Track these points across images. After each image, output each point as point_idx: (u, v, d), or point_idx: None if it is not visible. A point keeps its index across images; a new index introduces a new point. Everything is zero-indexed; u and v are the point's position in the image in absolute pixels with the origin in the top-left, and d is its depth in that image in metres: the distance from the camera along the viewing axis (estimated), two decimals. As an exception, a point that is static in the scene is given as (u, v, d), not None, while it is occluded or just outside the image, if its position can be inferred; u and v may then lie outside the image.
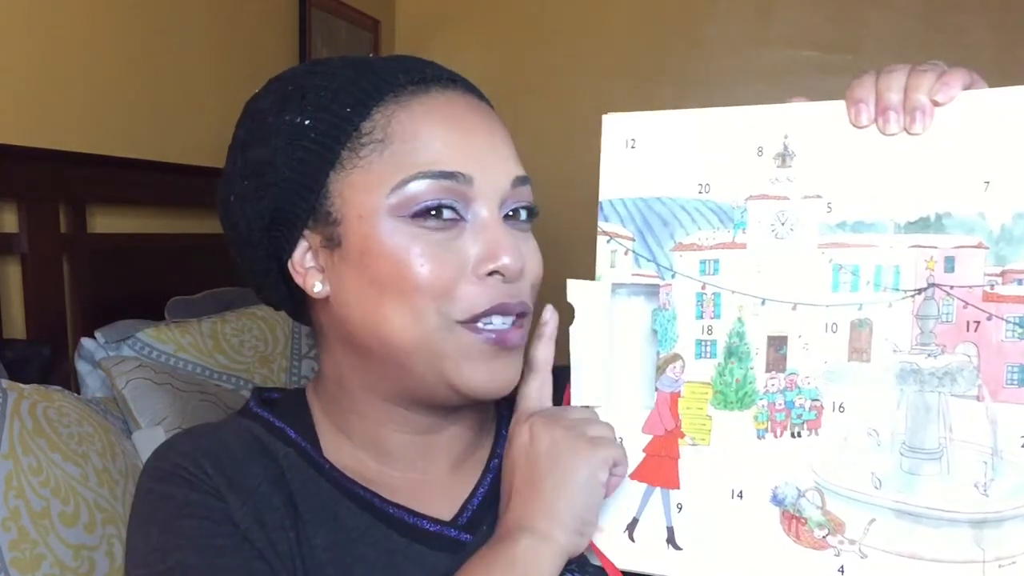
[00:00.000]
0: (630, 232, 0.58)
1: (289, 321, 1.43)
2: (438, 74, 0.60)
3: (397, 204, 0.55)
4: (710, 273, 0.56)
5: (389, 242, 0.55)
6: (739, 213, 0.55)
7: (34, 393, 0.98)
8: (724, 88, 2.41)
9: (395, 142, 0.56)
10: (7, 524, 0.85)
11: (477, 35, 2.48)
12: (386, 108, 0.57)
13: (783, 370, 0.54)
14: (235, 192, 0.62)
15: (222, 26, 1.75)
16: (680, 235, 0.56)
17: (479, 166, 0.57)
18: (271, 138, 0.58)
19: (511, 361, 0.59)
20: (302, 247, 0.60)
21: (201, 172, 1.61)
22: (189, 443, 0.60)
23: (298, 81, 0.60)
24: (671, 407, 0.57)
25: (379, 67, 0.59)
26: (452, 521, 0.61)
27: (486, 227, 0.57)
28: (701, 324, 0.56)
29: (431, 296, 0.55)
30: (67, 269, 1.30)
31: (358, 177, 0.56)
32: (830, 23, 2.34)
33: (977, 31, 2.25)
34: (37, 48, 1.29)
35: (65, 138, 1.32)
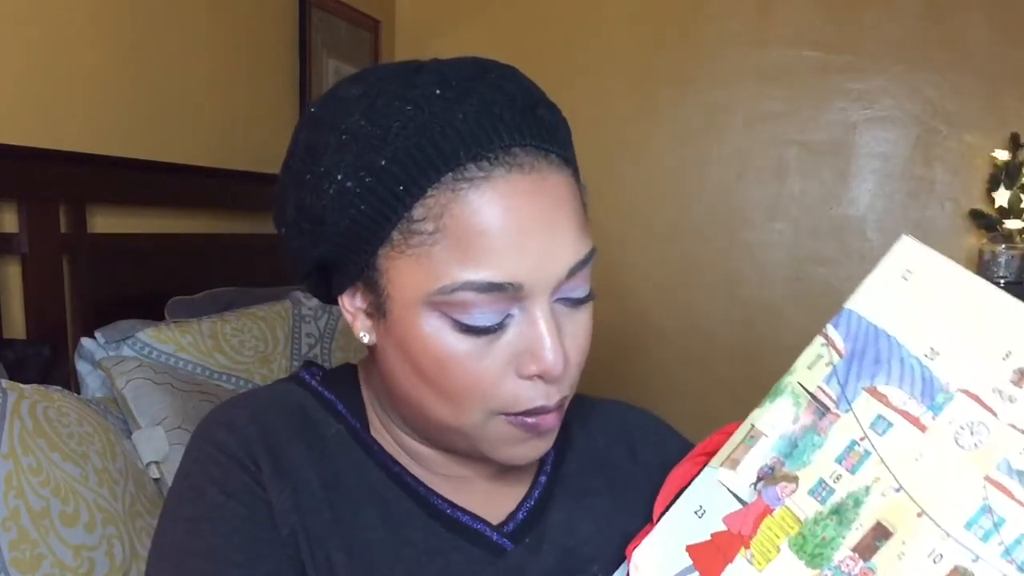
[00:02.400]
0: (845, 349, 0.55)
1: (289, 321, 1.43)
2: (505, 141, 0.53)
3: (441, 303, 0.53)
4: (878, 431, 0.52)
5: (431, 341, 0.54)
6: (943, 398, 0.51)
7: (34, 393, 0.98)
8: (724, 88, 2.42)
9: (446, 238, 0.52)
10: (7, 524, 0.85)
11: (477, 35, 2.48)
12: (440, 193, 0.52)
13: (867, 560, 0.50)
14: (286, 223, 0.60)
15: (222, 26, 1.75)
16: (880, 380, 0.53)
17: (532, 268, 0.53)
18: (323, 193, 0.55)
19: (546, 440, 0.60)
20: (351, 291, 0.59)
21: (201, 172, 1.61)
22: (246, 416, 0.61)
23: (353, 127, 0.54)
24: (758, 517, 0.55)
25: (439, 130, 0.52)
26: (497, 527, 0.63)
27: (532, 323, 0.54)
28: (834, 469, 0.53)
29: (472, 398, 0.55)
30: (67, 269, 1.30)
31: (405, 264, 0.54)
32: (830, 23, 2.34)
33: (977, 31, 2.25)
34: (37, 48, 1.29)
35: (65, 138, 1.32)
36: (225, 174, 1.68)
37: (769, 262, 2.46)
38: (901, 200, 2.37)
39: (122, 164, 1.41)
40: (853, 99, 2.35)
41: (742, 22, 2.39)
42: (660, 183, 2.49)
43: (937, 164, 2.34)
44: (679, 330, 2.52)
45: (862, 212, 2.39)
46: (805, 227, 2.43)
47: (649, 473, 0.71)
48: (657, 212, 2.49)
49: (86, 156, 1.34)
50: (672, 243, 2.50)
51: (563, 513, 0.66)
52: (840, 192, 2.40)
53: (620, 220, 2.46)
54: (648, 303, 2.51)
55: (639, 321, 2.50)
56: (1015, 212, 2.21)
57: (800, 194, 2.42)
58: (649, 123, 2.47)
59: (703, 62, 2.42)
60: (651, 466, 0.72)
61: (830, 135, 2.38)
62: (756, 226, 2.46)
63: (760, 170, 2.44)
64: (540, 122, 0.55)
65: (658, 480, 0.70)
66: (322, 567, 0.57)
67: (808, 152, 2.40)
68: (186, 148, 1.61)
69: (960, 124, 2.30)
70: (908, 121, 2.34)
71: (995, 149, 2.25)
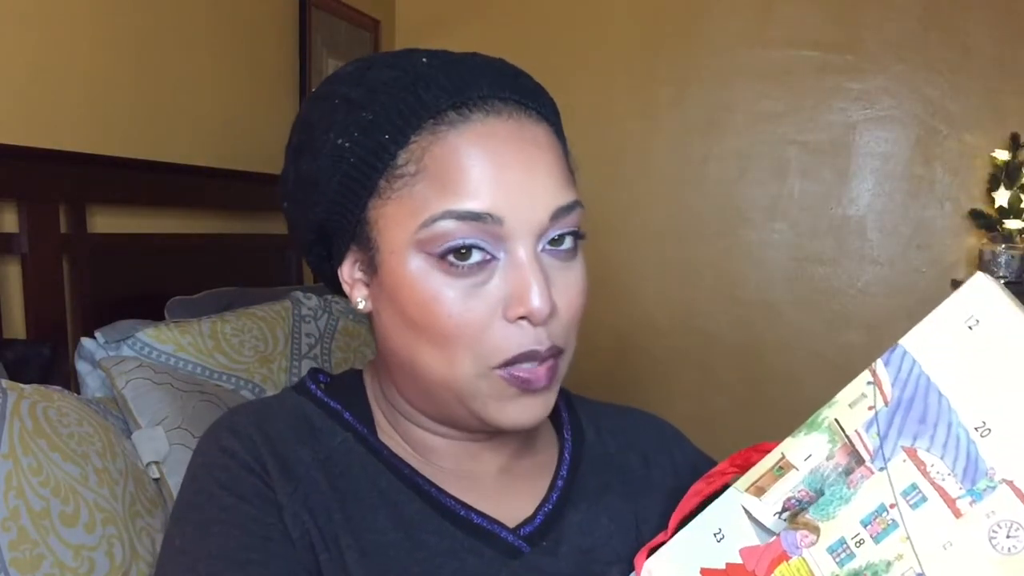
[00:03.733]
0: (891, 395, 0.50)
1: (289, 321, 1.43)
2: (484, 92, 0.56)
3: (425, 241, 0.54)
4: (910, 503, 0.48)
5: (418, 284, 0.55)
6: (985, 484, 0.46)
7: (34, 393, 0.98)
8: (724, 88, 2.42)
9: (427, 177, 0.54)
10: (7, 524, 0.85)
11: (477, 35, 2.48)
12: (422, 138, 0.55)
13: None
14: (288, 198, 0.63)
15: (222, 26, 1.75)
16: (923, 444, 0.48)
17: (512, 204, 0.54)
18: (317, 155, 0.58)
19: (539, 400, 0.58)
20: (350, 260, 0.61)
21: (201, 172, 1.61)
22: (251, 422, 0.61)
23: (345, 93, 0.58)
24: (773, 560, 0.52)
25: (423, 82, 0.55)
26: (514, 529, 0.62)
27: (517, 266, 0.55)
28: (858, 532, 0.49)
29: (462, 343, 0.55)
30: (67, 269, 1.30)
31: (391, 209, 0.56)
32: (830, 23, 2.34)
33: (977, 31, 2.25)
34: (37, 48, 1.29)
35: (65, 138, 1.32)
36: (225, 174, 1.68)
37: (769, 262, 2.46)
38: (901, 200, 2.37)
39: (122, 164, 1.41)
40: (853, 99, 2.35)
41: (742, 22, 2.39)
42: (660, 183, 2.49)
43: (937, 164, 2.34)
44: (679, 330, 2.52)
45: (862, 212, 2.39)
46: (805, 227, 2.43)
47: (662, 477, 0.72)
48: (657, 212, 2.49)
49: (86, 156, 1.34)
50: (672, 243, 2.50)
51: (580, 515, 0.65)
52: (840, 192, 2.40)
53: (620, 220, 2.46)
54: (648, 303, 2.51)
55: (639, 321, 2.50)
56: (1015, 212, 2.22)
57: (800, 194, 2.43)
58: (649, 123, 2.47)
59: (703, 62, 2.42)
60: (664, 470, 0.72)
61: (830, 135, 2.38)
62: (756, 226, 2.46)
63: (760, 170, 2.44)
64: (522, 86, 0.58)
65: (671, 484, 0.71)
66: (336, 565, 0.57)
67: (808, 152, 2.41)
68: (186, 148, 1.61)
69: (960, 124, 2.30)
70: (908, 121, 2.34)
71: (995, 149, 2.25)
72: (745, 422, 2.47)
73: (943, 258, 2.37)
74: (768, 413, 2.46)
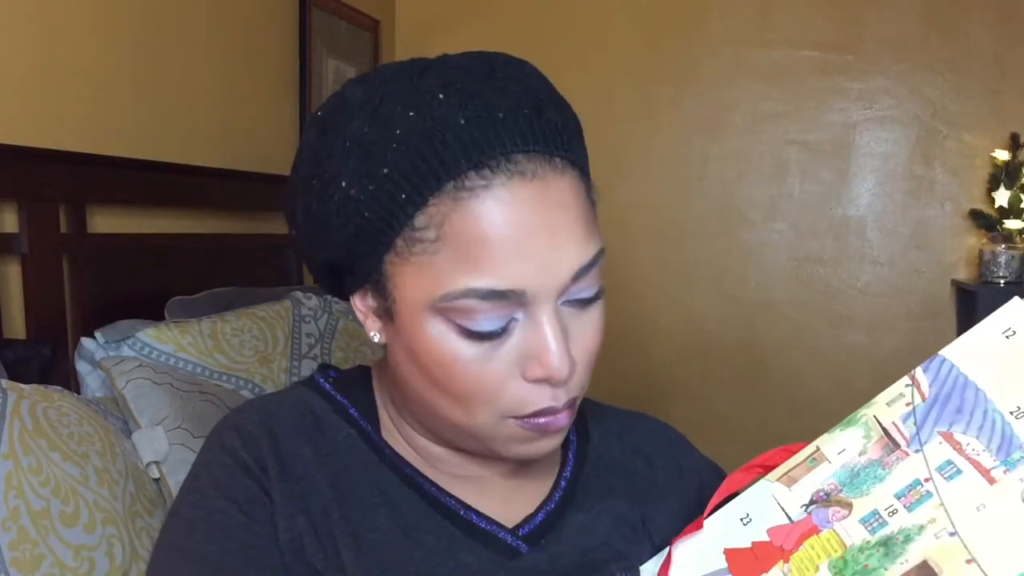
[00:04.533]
0: (929, 394, 0.54)
1: (289, 321, 1.43)
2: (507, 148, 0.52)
3: (445, 309, 0.53)
4: (945, 475, 0.52)
5: (435, 346, 0.55)
6: (1020, 455, 0.50)
7: (34, 393, 0.98)
8: (724, 88, 2.42)
9: (447, 247, 0.52)
10: (7, 524, 0.85)
11: (477, 35, 2.48)
12: (442, 203, 0.52)
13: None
14: (296, 226, 0.62)
15: (222, 26, 1.75)
16: (958, 428, 0.52)
17: (535, 274, 0.53)
18: (327, 199, 0.55)
19: (556, 438, 0.60)
20: (362, 293, 0.60)
21: (201, 172, 1.61)
22: (256, 420, 0.62)
23: (356, 134, 0.54)
24: (803, 534, 0.54)
25: (440, 137, 0.51)
26: (512, 529, 0.63)
27: (536, 327, 0.54)
28: (892, 503, 0.52)
29: (479, 400, 0.56)
30: (67, 269, 1.30)
31: (410, 271, 0.54)
32: (830, 23, 2.34)
33: (977, 31, 2.26)
34: (37, 48, 1.29)
35: (65, 138, 1.32)
36: (225, 174, 1.68)
37: (769, 262, 2.46)
38: (901, 200, 2.37)
39: (122, 164, 1.41)
40: (853, 99, 2.35)
41: (742, 22, 2.39)
42: (660, 183, 2.49)
43: (937, 164, 2.34)
44: (679, 330, 2.52)
45: (862, 212, 2.39)
46: (805, 227, 2.43)
47: (668, 481, 0.72)
48: (657, 212, 2.49)
49: (86, 156, 1.34)
50: (672, 243, 2.50)
51: (582, 514, 0.66)
52: (840, 192, 2.40)
53: (620, 220, 2.46)
54: (648, 303, 2.51)
55: (639, 321, 2.50)
56: (1015, 212, 2.22)
57: (800, 194, 2.43)
58: (649, 123, 2.47)
59: (703, 62, 2.42)
60: (669, 474, 0.73)
61: (830, 135, 2.38)
62: (756, 226, 2.46)
63: (760, 170, 2.44)
64: (545, 125, 0.54)
65: (677, 488, 0.71)
66: (333, 564, 0.57)
67: (808, 152, 2.41)
68: (186, 148, 1.61)
69: (960, 124, 2.30)
70: (908, 121, 2.34)
71: (995, 149, 2.25)
72: (745, 422, 2.47)
73: (943, 258, 2.37)
74: (768, 413, 2.46)
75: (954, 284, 2.34)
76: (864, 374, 2.36)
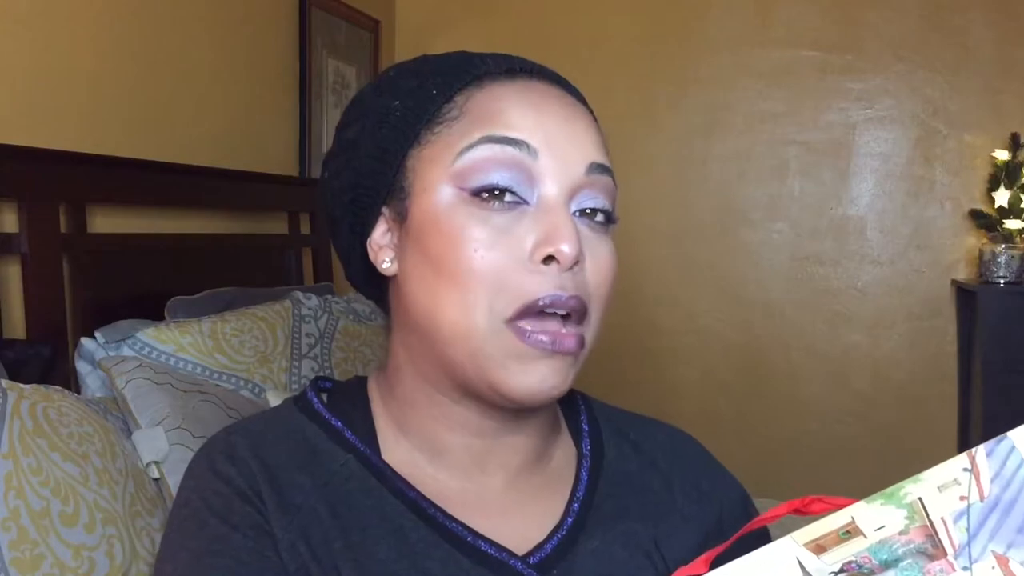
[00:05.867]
0: (989, 491, 0.46)
1: (289, 321, 1.43)
2: (530, 67, 0.60)
3: (459, 172, 0.55)
4: None
5: (446, 219, 0.55)
6: None
7: (34, 393, 0.98)
8: (724, 88, 2.42)
9: (469, 116, 0.56)
10: (7, 524, 0.85)
11: (477, 35, 2.48)
12: (468, 90, 0.58)
13: None
14: (329, 169, 0.64)
15: (222, 26, 1.75)
16: (1018, 556, 0.44)
17: (549, 143, 0.55)
18: (363, 119, 0.61)
19: (561, 366, 0.55)
20: (381, 226, 0.61)
21: (201, 172, 1.61)
22: (248, 446, 0.59)
23: (401, 67, 0.62)
24: None
25: (475, 57, 0.60)
26: (523, 557, 0.59)
27: (548, 210, 0.54)
28: None
29: (483, 287, 0.54)
30: (67, 269, 1.30)
31: (428, 151, 0.57)
32: (830, 23, 2.34)
33: (977, 31, 2.26)
34: (37, 48, 1.29)
35: (65, 138, 1.32)
36: (225, 174, 1.68)
37: (769, 262, 2.46)
38: (901, 200, 2.37)
39: (122, 164, 1.41)
40: (853, 99, 2.35)
41: (742, 22, 2.39)
42: (660, 183, 2.49)
43: (937, 164, 2.34)
44: (679, 330, 2.52)
45: (862, 212, 2.39)
46: (805, 227, 2.43)
47: (685, 503, 0.68)
48: (657, 212, 2.49)
49: (86, 156, 1.34)
50: (672, 243, 2.50)
51: (596, 541, 0.62)
52: (840, 192, 2.40)
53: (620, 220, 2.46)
54: (648, 303, 2.51)
55: (639, 320, 2.50)
56: (1015, 212, 2.22)
57: (800, 194, 2.43)
58: (649, 123, 2.47)
59: (703, 62, 2.43)
60: (688, 497, 0.68)
61: (830, 135, 2.38)
62: (756, 226, 2.46)
63: (760, 170, 2.44)
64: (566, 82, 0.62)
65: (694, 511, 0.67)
66: None
67: (808, 152, 2.41)
68: (186, 148, 1.61)
69: (960, 124, 2.30)
70: (908, 121, 2.34)
71: (995, 149, 2.25)
72: (745, 422, 2.47)
73: (943, 258, 2.37)
74: (768, 413, 2.46)
75: (954, 284, 2.34)
76: (864, 374, 2.35)
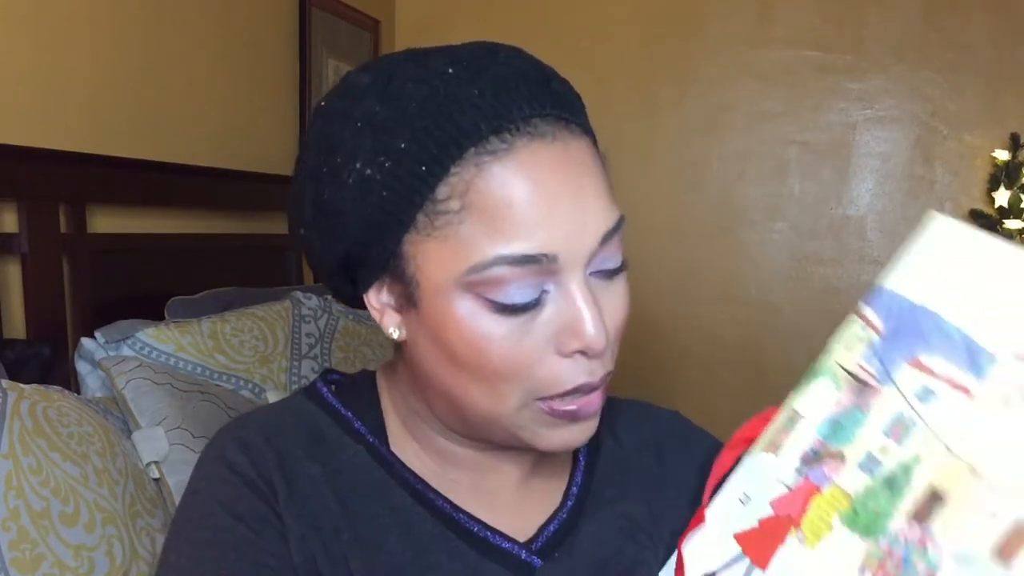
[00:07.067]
0: (883, 328, 0.54)
1: (289, 321, 1.43)
2: (525, 112, 0.52)
3: (475, 284, 0.51)
4: (922, 401, 0.51)
5: (466, 326, 0.52)
6: (989, 363, 0.50)
7: (34, 393, 0.98)
8: (724, 88, 2.42)
9: (472, 216, 0.50)
10: (7, 524, 0.85)
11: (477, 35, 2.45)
12: (464, 170, 0.51)
13: (923, 524, 0.49)
14: (305, 224, 0.58)
15: (222, 26, 1.75)
16: (922, 353, 0.52)
17: (564, 239, 0.51)
18: (342, 184, 0.53)
19: (588, 425, 0.57)
20: (378, 287, 0.57)
21: (201, 172, 1.61)
22: (260, 435, 0.59)
23: (368, 113, 0.53)
24: (806, 497, 0.54)
25: (457, 107, 0.51)
26: (526, 543, 0.60)
27: (569, 298, 0.52)
28: (882, 442, 0.52)
29: (513, 380, 0.53)
30: (67, 269, 1.31)
31: (433, 247, 0.52)
32: (830, 23, 2.34)
33: (977, 31, 2.25)
34: (37, 48, 1.29)
35: (65, 138, 1.32)
36: (225, 174, 1.68)
37: (769, 262, 2.46)
38: (901, 200, 2.37)
39: (122, 164, 1.41)
40: (853, 99, 2.35)
41: (742, 22, 2.39)
42: (660, 183, 2.49)
43: (937, 164, 2.34)
44: (679, 330, 2.52)
45: (862, 212, 2.39)
46: (805, 227, 2.43)
47: (677, 477, 0.70)
48: (657, 212, 2.49)
49: (86, 156, 1.34)
50: (672, 243, 2.50)
51: (594, 524, 0.64)
52: (840, 192, 2.40)
53: (620, 220, 2.46)
54: (648, 303, 2.51)
55: (639, 320, 2.49)
56: (1015, 212, 2.22)
57: (800, 194, 2.43)
58: (649, 123, 2.47)
59: (703, 62, 2.42)
60: (679, 468, 0.71)
61: (830, 135, 2.38)
62: (756, 226, 2.46)
63: (760, 170, 2.44)
64: (556, 94, 0.54)
65: (688, 483, 0.69)
66: None
67: (808, 152, 2.41)
68: (186, 148, 1.61)
69: (960, 124, 2.30)
70: (908, 121, 2.34)
71: (995, 149, 2.25)
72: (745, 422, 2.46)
73: (943, 258, 2.36)
74: (768, 413, 2.45)
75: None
76: (864, 374, 2.34)
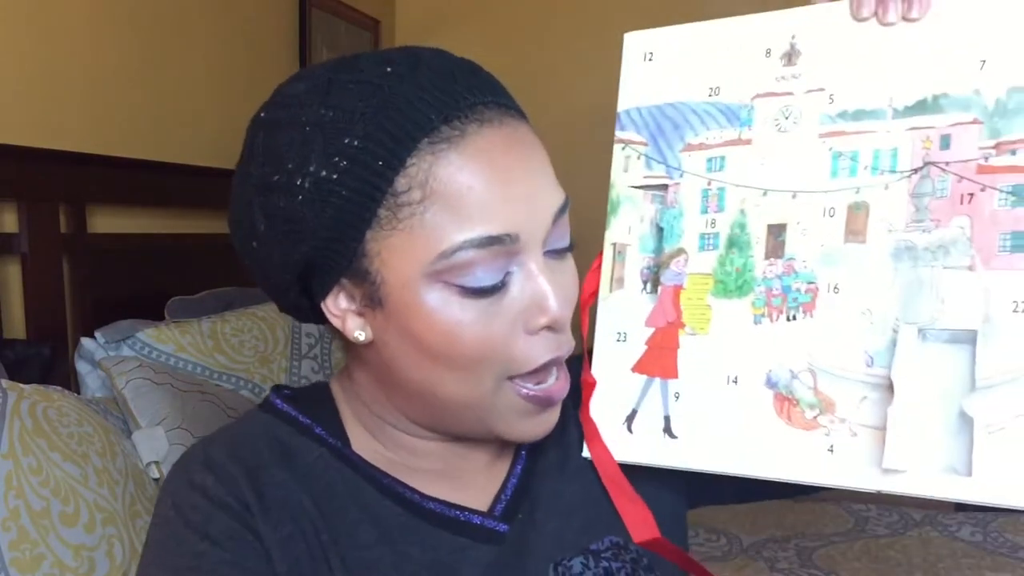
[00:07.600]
0: (643, 138, 0.61)
1: (289, 321, 1.43)
2: (469, 100, 0.53)
3: (443, 271, 0.52)
4: (716, 170, 0.58)
5: (436, 315, 0.53)
6: (746, 112, 0.57)
7: (34, 393, 0.98)
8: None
9: (437, 202, 0.51)
10: (7, 524, 0.85)
11: (477, 35, 2.48)
12: (421, 160, 0.51)
13: (781, 256, 0.55)
14: (256, 236, 0.57)
15: (222, 26, 1.75)
16: (689, 136, 0.59)
17: (523, 217, 0.53)
18: (295, 191, 0.53)
19: (554, 412, 0.60)
20: (335, 292, 0.57)
21: (201, 172, 1.61)
22: (225, 453, 0.59)
23: (313, 117, 0.53)
24: (674, 300, 0.59)
25: (405, 100, 0.52)
26: (489, 512, 0.62)
27: (531, 276, 0.55)
28: (705, 218, 0.58)
29: (485, 363, 0.55)
30: (67, 269, 1.30)
31: (398, 241, 0.52)
32: (830, 23, 2.34)
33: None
34: (37, 48, 1.29)
35: (65, 138, 1.32)
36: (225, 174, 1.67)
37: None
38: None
39: (122, 164, 1.41)
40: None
41: (742, 22, 2.39)
42: (660, 183, 2.49)
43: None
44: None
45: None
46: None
47: None
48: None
49: (86, 156, 1.34)
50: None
51: (550, 481, 0.65)
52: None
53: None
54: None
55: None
56: None
57: (800, 194, 2.43)
58: (649, 123, 2.47)
59: (703, 62, 2.43)
60: None
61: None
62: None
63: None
64: (490, 82, 0.56)
65: None
66: None
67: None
68: (186, 148, 1.61)
69: (960, 124, 2.30)
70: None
71: (995, 149, 2.25)
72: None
73: (943, 258, 2.36)
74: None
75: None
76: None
